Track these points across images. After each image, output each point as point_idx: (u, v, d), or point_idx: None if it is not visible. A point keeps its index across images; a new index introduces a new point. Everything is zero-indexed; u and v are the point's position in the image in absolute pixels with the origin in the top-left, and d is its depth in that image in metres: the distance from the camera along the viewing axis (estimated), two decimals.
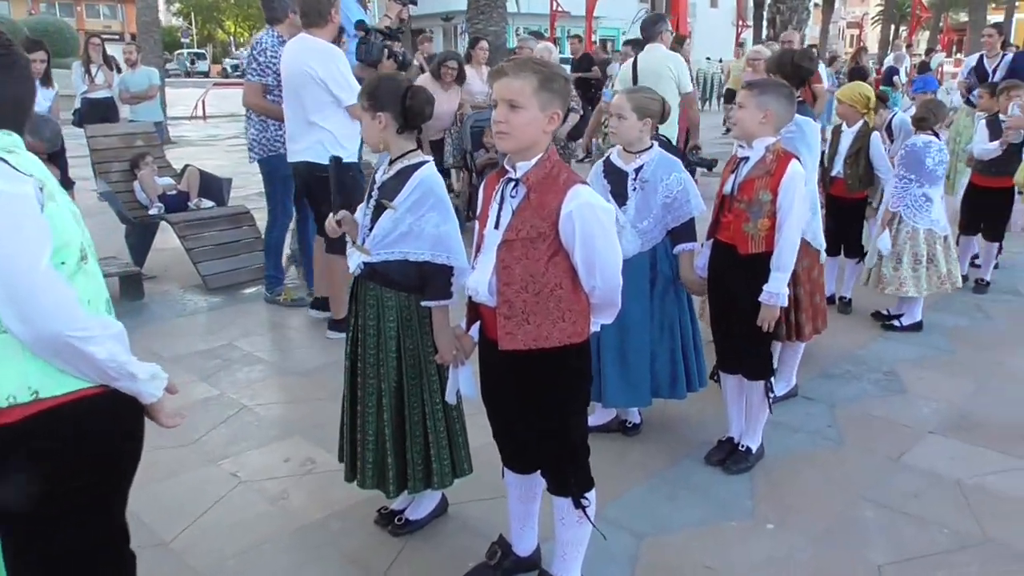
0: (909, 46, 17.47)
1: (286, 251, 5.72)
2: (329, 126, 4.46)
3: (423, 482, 2.69)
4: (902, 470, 3.23)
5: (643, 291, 3.31)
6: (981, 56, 7.83)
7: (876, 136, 4.82)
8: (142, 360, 1.64)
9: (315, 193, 4.78)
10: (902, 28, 32.37)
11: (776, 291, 2.91)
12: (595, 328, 2.33)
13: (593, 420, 3.57)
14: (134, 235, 6.05)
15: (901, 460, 3.31)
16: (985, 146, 5.44)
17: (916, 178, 4.57)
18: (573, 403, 2.31)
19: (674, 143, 5.17)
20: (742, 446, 3.24)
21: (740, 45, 21.16)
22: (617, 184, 3.29)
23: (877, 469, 3.24)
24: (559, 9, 22.53)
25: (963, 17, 27.91)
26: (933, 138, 4.59)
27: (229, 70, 44.29)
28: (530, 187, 2.14)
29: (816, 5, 37.75)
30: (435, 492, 2.84)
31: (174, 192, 6.23)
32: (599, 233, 2.11)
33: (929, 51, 20.26)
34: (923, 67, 15.31)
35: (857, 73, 9.39)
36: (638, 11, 35.11)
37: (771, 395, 3.23)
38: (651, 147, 3.27)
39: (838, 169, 4.91)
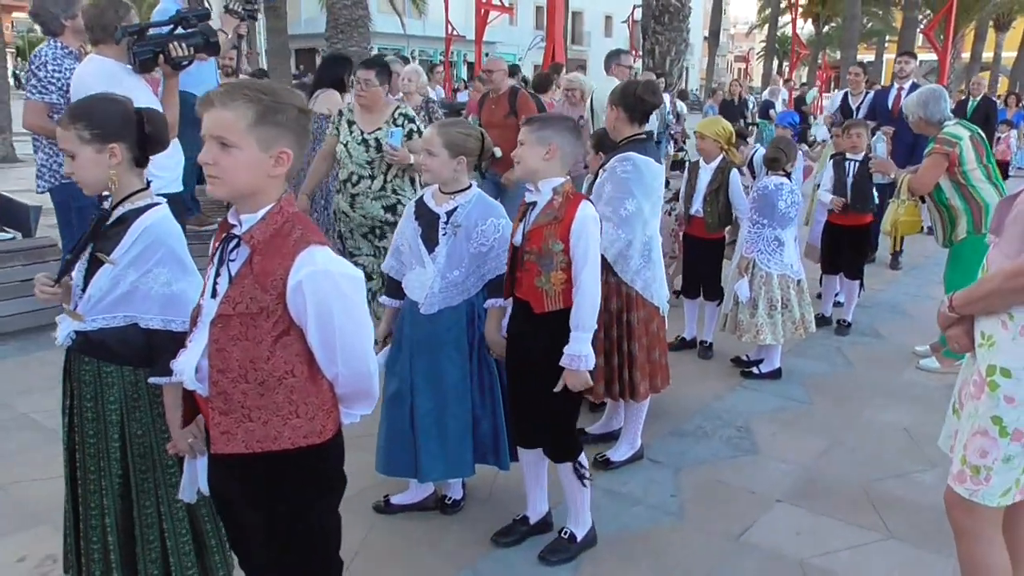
0: (787, 81, 18.05)
1: None
2: None
3: None
4: (743, 551, 2.90)
5: (461, 350, 2.89)
6: (846, 93, 7.92)
7: (735, 173, 4.60)
8: None
9: None
10: (785, 64, 33.86)
11: (578, 353, 2.52)
12: (351, 420, 1.86)
13: (406, 498, 3.11)
14: None
15: (744, 538, 2.98)
16: (822, 200, 5.44)
17: (768, 222, 4.36)
18: (314, 516, 1.83)
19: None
20: (565, 532, 2.82)
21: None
22: (428, 228, 2.86)
23: (717, 551, 2.89)
24: (455, 33, 22.34)
25: (839, 55, 29.44)
26: (784, 179, 4.40)
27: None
28: (254, 248, 1.66)
29: (705, 38, 39.19)
30: None
31: None
32: (339, 308, 1.65)
33: (802, 86, 21.04)
34: (798, 102, 15.83)
35: (728, 108, 9.46)
36: (533, 38, 35.56)
37: (611, 463, 2.82)
38: (468, 187, 2.87)
39: (696, 207, 4.67)
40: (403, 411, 2.93)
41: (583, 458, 2.76)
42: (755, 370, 4.57)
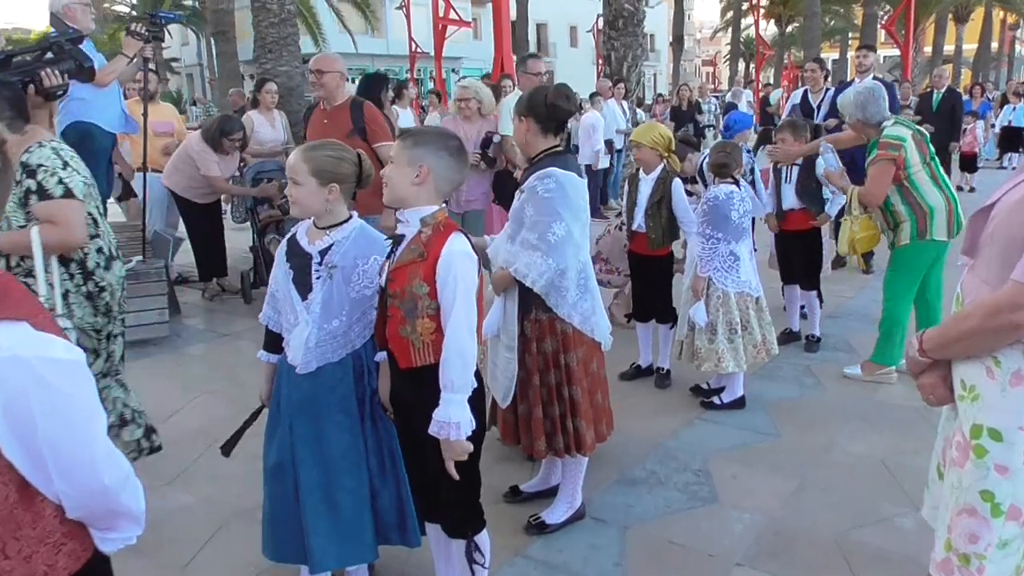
0: (751, 82, 17.81)
1: None
2: None
3: None
4: None
5: (349, 412, 2.42)
6: (805, 91, 7.55)
7: (678, 183, 4.18)
8: None
9: None
10: (751, 65, 33.80)
11: (447, 419, 2.06)
12: (114, 547, 1.39)
13: None
14: None
15: None
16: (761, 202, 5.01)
17: (723, 235, 3.93)
18: None
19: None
20: None
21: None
22: (300, 271, 2.40)
23: None
24: (418, 50, 21.96)
25: (803, 54, 29.41)
26: (734, 187, 3.97)
27: None
28: None
29: (670, 44, 39.09)
30: None
31: None
32: (41, 405, 1.17)
33: (766, 86, 20.83)
34: (764, 102, 15.55)
35: (678, 114, 9.09)
36: (525, 55, 35.25)
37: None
38: (348, 220, 2.42)
39: (638, 222, 4.23)
40: (286, 486, 2.46)
41: (482, 540, 2.30)
42: (716, 400, 4.13)
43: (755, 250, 4.35)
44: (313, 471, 2.41)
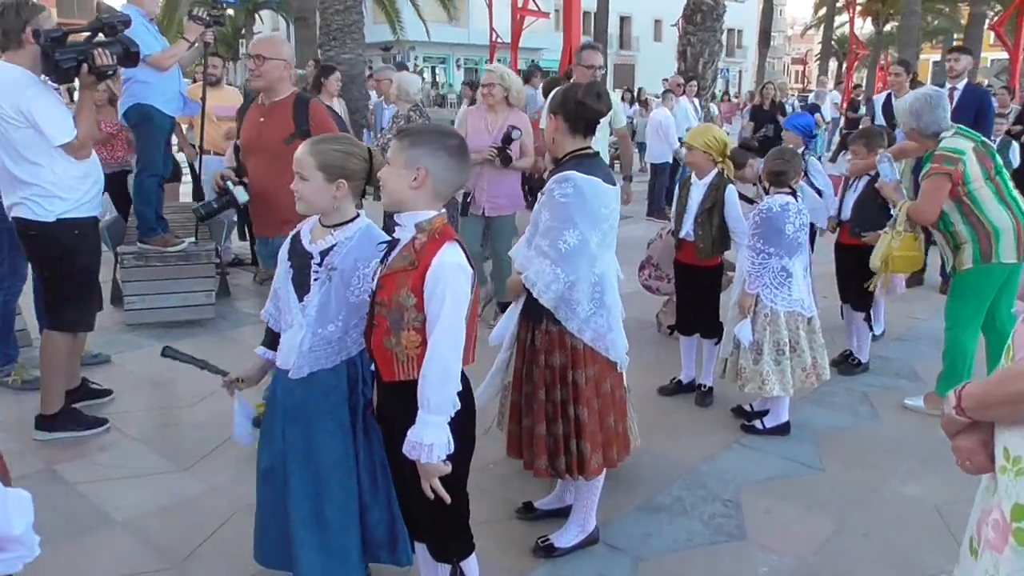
0: (840, 83, 17.04)
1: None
2: (35, 174, 3.50)
3: None
4: None
5: (340, 422, 2.31)
6: (889, 95, 7.08)
7: (732, 189, 3.91)
8: None
9: (31, 255, 3.84)
10: (843, 65, 32.38)
11: (420, 440, 1.91)
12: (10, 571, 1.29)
13: None
14: None
15: None
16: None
17: (775, 250, 3.64)
18: None
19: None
20: None
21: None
22: (299, 270, 2.30)
23: None
24: (498, 40, 21.89)
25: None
26: (790, 198, 3.68)
27: None
28: None
29: (758, 40, 37.80)
30: None
31: None
32: None
33: (856, 87, 19.89)
34: (852, 106, 14.81)
35: (759, 113, 8.65)
36: (582, 44, 34.94)
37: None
38: (354, 219, 2.30)
39: (687, 230, 3.99)
40: (276, 490, 2.37)
41: (469, 565, 2.16)
42: (758, 424, 3.85)
43: (811, 265, 4.05)
44: (302, 480, 2.31)
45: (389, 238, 2.27)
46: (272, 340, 2.47)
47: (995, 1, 26.64)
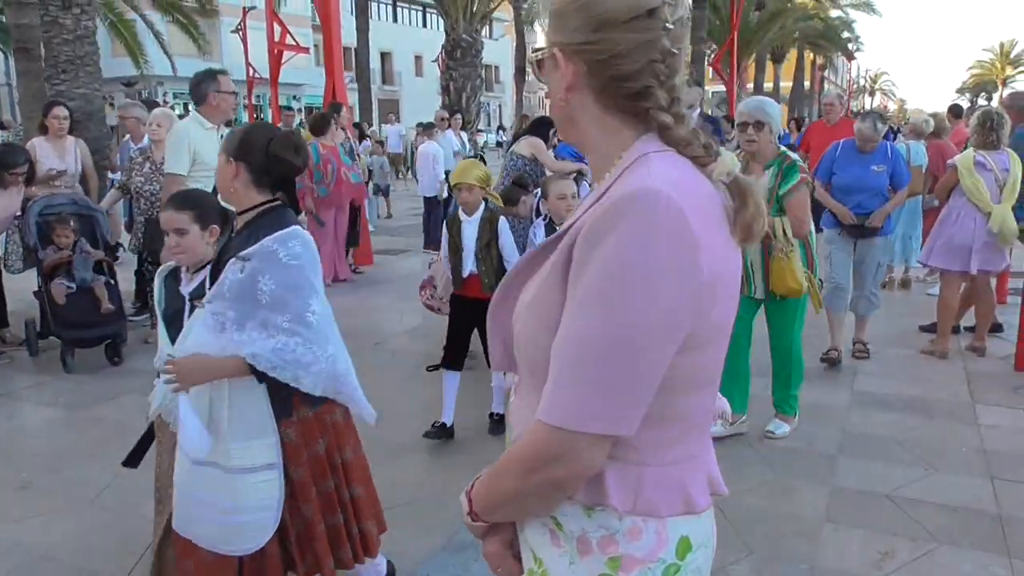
0: None
1: None
2: None
3: None
4: None
5: None
6: None
7: (504, 221, 4.00)
8: None
9: None
10: None
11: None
12: None
13: None
14: None
15: None
16: None
17: None
18: None
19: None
20: None
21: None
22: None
23: None
24: (256, 76, 21.01)
25: None
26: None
27: None
28: None
29: (514, 75, 39.91)
30: None
31: None
32: None
33: None
34: None
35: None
36: (348, 80, 34.72)
37: None
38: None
39: (470, 268, 4.02)
40: None
41: None
42: None
43: None
44: None
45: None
46: None
47: (711, 40, 30.33)
